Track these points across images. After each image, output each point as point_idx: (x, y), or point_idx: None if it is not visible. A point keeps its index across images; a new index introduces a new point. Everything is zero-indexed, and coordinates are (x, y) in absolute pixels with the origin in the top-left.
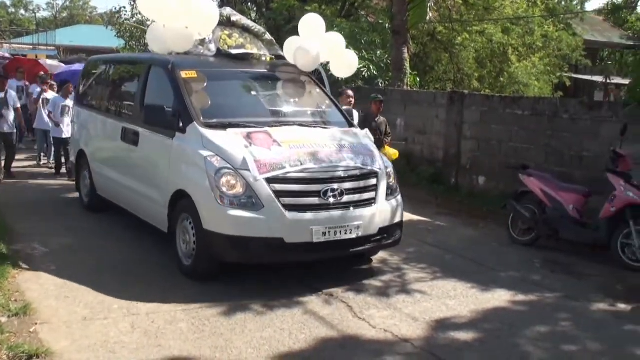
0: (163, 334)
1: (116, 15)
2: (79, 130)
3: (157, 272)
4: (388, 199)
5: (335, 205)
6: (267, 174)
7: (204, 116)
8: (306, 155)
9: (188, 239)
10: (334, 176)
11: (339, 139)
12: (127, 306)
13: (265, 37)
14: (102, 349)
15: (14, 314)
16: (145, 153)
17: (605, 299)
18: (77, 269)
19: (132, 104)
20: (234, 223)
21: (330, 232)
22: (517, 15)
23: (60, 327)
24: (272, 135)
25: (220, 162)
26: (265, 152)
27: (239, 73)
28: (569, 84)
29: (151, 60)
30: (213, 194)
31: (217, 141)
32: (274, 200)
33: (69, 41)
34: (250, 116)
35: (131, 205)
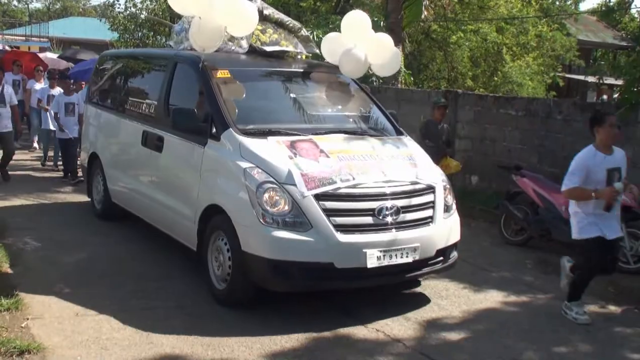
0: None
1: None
2: (91, 131)
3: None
4: (445, 217)
5: (391, 225)
6: (316, 189)
7: (241, 122)
8: (358, 168)
9: (222, 260)
10: (389, 192)
11: (390, 148)
12: (120, 303)
13: (301, 33)
14: (94, 345)
15: (5, 308)
16: (170, 161)
17: (596, 300)
18: (71, 267)
19: (155, 105)
20: (277, 245)
21: (386, 255)
22: (511, 14)
23: (52, 323)
24: (318, 144)
25: (262, 175)
26: (313, 165)
27: (275, 73)
28: (562, 84)
29: (177, 56)
30: (254, 211)
31: (257, 151)
32: (323, 219)
33: (62, 33)
34: (290, 122)
35: (152, 217)
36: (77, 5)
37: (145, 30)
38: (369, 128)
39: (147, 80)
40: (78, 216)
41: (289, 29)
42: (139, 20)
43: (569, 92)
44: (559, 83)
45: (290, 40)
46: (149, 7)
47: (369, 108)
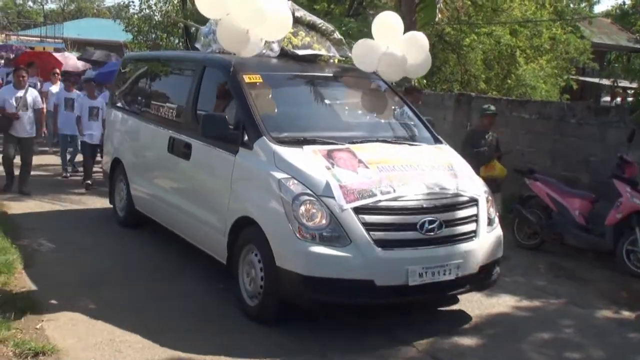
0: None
1: (124, 9)
2: (114, 135)
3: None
4: (489, 231)
5: (434, 240)
6: (356, 202)
7: (274, 129)
8: (398, 180)
9: (254, 274)
10: (431, 205)
11: (430, 158)
12: (134, 305)
13: (333, 36)
14: (108, 348)
15: (20, 310)
16: (199, 169)
17: (610, 305)
18: (86, 269)
19: (182, 110)
20: (314, 261)
21: (428, 272)
22: (525, 17)
23: (66, 325)
24: (356, 154)
25: (299, 186)
26: (352, 176)
27: (308, 77)
28: (576, 86)
29: (205, 60)
30: (289, 224)
31: (293, 161)
32: (363, 234)
33: (76, 34)
34: (325, 130)
35: (179, 227)
36: (92, 6)
37: (159, 31)
38: (406, 136)
39: (173, 84)
40: (95, 220)
41: (321, 31)
42: (153, 21)
43: (582, 95)
44: (573, 86)
45: (323, 44)
46: (162, 8)
47: (405, 114)
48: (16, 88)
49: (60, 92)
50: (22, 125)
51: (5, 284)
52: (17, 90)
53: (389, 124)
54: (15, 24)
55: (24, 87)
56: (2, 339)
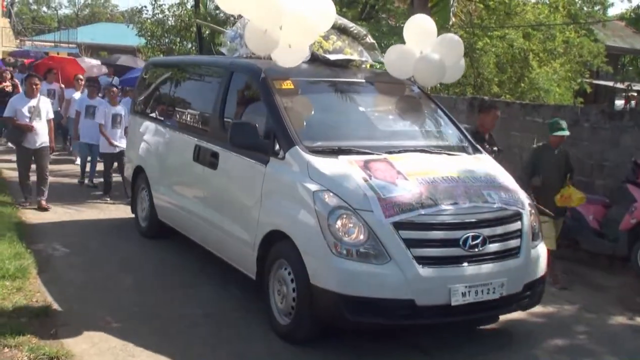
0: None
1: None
2: (137, 143)
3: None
4: (533, 247)
5: (477, 257)
6: (396, 216)
7: (307, 138)
8: (439, 193)
9: (285, 291)
10: (475, 220)
11: (471, 169)
12: (148, 311)
13: (365, 40)
14: (122, 353)
15: (34, 315)
16: (227, 179)
17: (624, 312)
18: (101, 274)
19: (208, 117)
20: (351, 279)
21: (471, 291)
22: (538, 20)
23: (80, 330)
24: (394, 164)
25: (335, 199)
26: (391, 188)
27: (341, 83)
28: (590, 90)
29: (233, 65)
30: (325, 240)
31: (328, 172)
32: (403, 250)
33: (90, 39)
34: (361, 139)
35: (204, 239)
36: (105, 11)
37: (172, 36)
38: (445, 145)
39: (198, 90)
40: (116, 230)
41: (353, 35)
42: (166, 26)
43: (596, 98)
44: (587, 89)
45: (355, 48)
46: (175, 12)
47: (442, 122)
48: (28, 97)
49: (83, 99)
50: (35, 136)
51: (20, 288)
52: (30, 99)
53: (426, 133)
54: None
55: (36, 96)
56: (16, 343)
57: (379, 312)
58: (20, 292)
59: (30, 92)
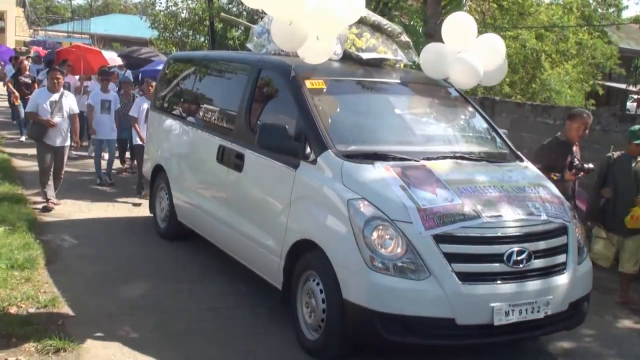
0: (188, 333)
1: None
2: (156, 140)
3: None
4: (579, 262)
5: (522, 273)
6: (436, 228)
7: (341, 142)
8: (482, 203)
9: (315, 304)
10: (520, 233)
11: (515, 178)
12: (154, 304)
13: (400, 39)
14: (128, 345)
15: (42, 305)
16: (253, 183)
17: (631, 315)
18: (108, 266)
19: (234, 117)
20: (388, 295)
21: (515, 310)
22: (551, 22)
23: (87, 322)
24: (434, 172)
25: (371, 208)
26: (431, 198)
27: (375, 84)
28: (602, 92)
29: (261, 62)
30: (360, 252)
31: (363, 179)
32: (444, 265)
33: (103, 30)
34: (397, 143)
35: (226, 244)
36: (119, 2)
37: (185, 29)
38: (485, 152)
39: (223, 87)
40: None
41: (387, 33)
42: (179, 18)
43: (608, 100)
44: (599, 91)
45: (389, 47)
46: (189, 5)
47: (481, 127)
48: (50, 91)
49: (97, 93)
50: (57, 133)
51: (29, 279)
52: (52, 93)
53: (464, 138)
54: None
55: (59, 91)
56: (24, 334)
57: (417, 330)
58: (29, 283)
59: (52, 87)
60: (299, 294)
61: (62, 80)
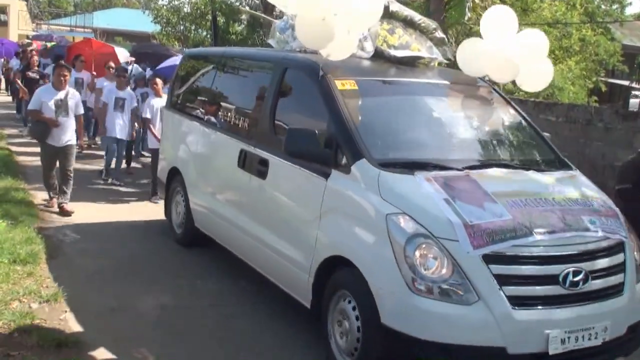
0: (189, 329)
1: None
2: (172, 141)
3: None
4: (637, 281)
5: (578, 296)
6: (485, 247)
7: (376, 149)
8: (534, 219)
9: (348, 327)
10: (576, 251)
11: (566, 189)
12: (155, 299)
13: (434, 35)
14: (129, 342)
15: (44, 300)
16: (278, 192)
17: None
18: (110, 261)
19: (256, 119)
20: (433, 322)
21: (571, 337)
22: (555, 18)
23: (88, 317)
24: (480, 183)
25: (412, 224)
26: (479, 213)
27: (410, 84)
28: (604, 89)
29: (286, 60)
30: (400, 273)
31: (403, 190)
32: (494, 288)
33: (105, 24)
34: (436, 150)
35: (249, 256)
36: None
37: (188, 23)
38: (530, 159)
39: (245, 87)
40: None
41: (420, 29)
42: (181, 13)
43: (611, 97)
44: (601, 88)
45: (423, 43)
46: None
47: (525, 131)
48: (56, 89)
49: (111, 90)
50: (61, 133)
51: (31, 273)
52: (57, 91)
53: (508, 143)
54: (46, 13)
55: (65, 88)
56: (26, 329)
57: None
58: (31, 277)
59: (58, 84)
60: (330, 315)
61: (68, 78)
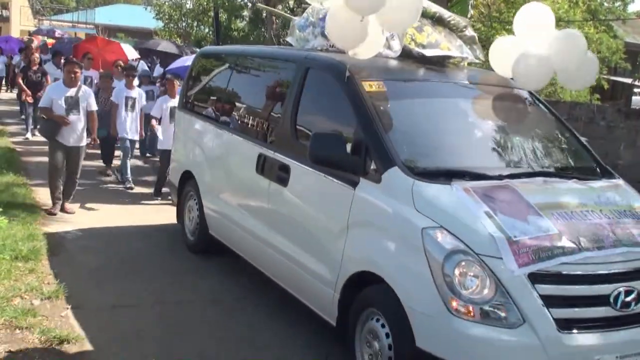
0: (190, 324)
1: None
2: (185, 144)
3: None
4: None
5: (631, 318)
6: (531, 265)
7: (409, 156)
8: (582, 233)
9: (378, 348)
10: (627, 269)
11: (611, 199)
12: (156, 295)
13: (464, 33)
14: (131, 337)
15: (46, 297)
16: (301, 200)
17: None
18: (111, 258)
19: (276, 122)
20: (472, 346)
21: None
22: (557, 15)
23: (90, 313)
24: (522, 194)
25: (451, 239)
26: (523, 227)
27: (442, 86)
28: (607, 86)
29: (309, 60)
30: (438, 292)
31: (440, 202)
32: (541, 310)
33: (107, 20)
34: (473, 158)
35: (268, 267)
36: None
37: (190, 19)
38: (573, 167)
39: (264, 88)
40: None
41: (450, 26)
42: (183, 9)
43: (613, 94)
44: (604, 86)
45: (452, 42)
46: None
47: (564, 136)
48: (67, 86)
49: (121, 90)
50: (71, 131)
51: (33, 270)
52: (68, 88)
53: (547, 150)
54: (48, 9)
55: (75, 85)
56: (28, 325)
57: None
58: (33, 274)
59: (69, 81)
60: (357, 334)
61: (79, 75)
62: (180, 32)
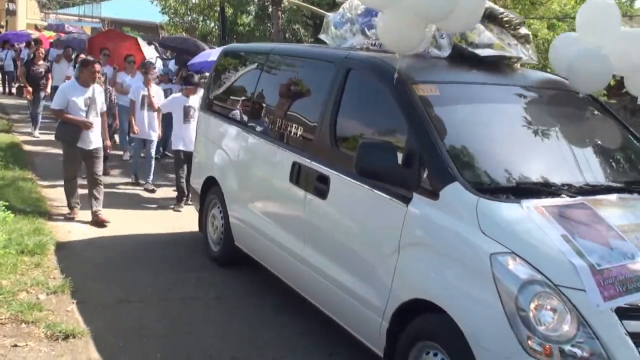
0: (195, 321)
1: None
2: (208, 148)
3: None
4: None
5: None
6: (619, 298)
7: (470, 170)
8: None
9: None
10: None
11: None
12: (161, 291)
13: (518, 31)
14: (135, 333)
15: (52, 291)
16: (342, 216)
17: None
18: (117, 253)
19: (313, 128)
20: None
21: None
22: (564, 12)
23: (95, 308)
24: (600, 214)
25: (525, 268)
26: (604, 253)
27: (501, 91)
28: (613, 82)
29: (350, 60)
30: (511, 328)
31: (510, 224)
32: (630, 350)
33: (113, 14)
34: (541, 173)
35: (303, 286)
36: None
37: (195, 14)
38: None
39: (299, 90)
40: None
41: (502, 23)
42: (189, 3)
43: (619, 91)
44: (610, 82)
45: (506, 41)
46: None
47: (633, 146)
48: (83, 85)
49: (138, 87)
50: (91, 134)
51: (39, 264)
52: (86, 88)
53: (619, 163)
54: (54, 2)
55: (89, 85)
56: (34, 319)
57: None
58: (39, 268)
59: (91, 81)
60: None
61: (96, 73)
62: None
